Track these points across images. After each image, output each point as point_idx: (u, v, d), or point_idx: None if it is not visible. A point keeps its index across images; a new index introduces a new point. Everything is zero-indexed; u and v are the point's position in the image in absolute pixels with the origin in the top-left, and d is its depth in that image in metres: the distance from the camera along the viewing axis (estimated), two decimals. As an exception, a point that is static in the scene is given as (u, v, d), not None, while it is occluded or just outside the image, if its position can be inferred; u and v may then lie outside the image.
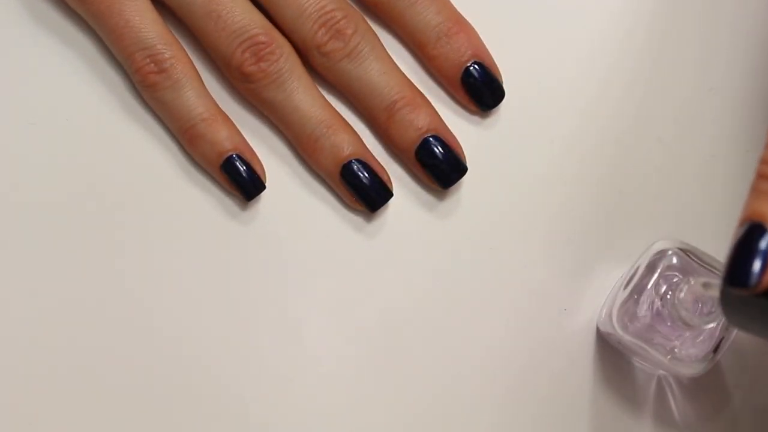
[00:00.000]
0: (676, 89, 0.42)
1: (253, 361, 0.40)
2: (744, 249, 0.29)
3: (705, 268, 0.37)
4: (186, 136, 0.40)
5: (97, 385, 0.40)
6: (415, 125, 0.40)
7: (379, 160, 0.41)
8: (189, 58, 0.41)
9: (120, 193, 0.41)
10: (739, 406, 0.40)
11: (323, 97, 0.41)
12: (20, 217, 0.41)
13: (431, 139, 0.40)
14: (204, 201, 0.41)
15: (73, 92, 0.41)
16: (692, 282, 0.36)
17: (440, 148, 0.40)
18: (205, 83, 0.41)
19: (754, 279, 0.28)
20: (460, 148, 0.41)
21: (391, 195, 0.41)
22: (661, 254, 0.38)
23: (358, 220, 0.41)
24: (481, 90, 0.41)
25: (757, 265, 0.28)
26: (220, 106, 0.41)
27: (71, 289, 0.40)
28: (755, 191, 0.30)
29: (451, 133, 0.41)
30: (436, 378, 0.40)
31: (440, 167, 0.41)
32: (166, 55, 0.40)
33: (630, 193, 0.41)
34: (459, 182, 0.41)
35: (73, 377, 0.40)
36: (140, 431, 0.40)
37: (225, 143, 0.40)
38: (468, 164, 0.41)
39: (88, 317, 0.40)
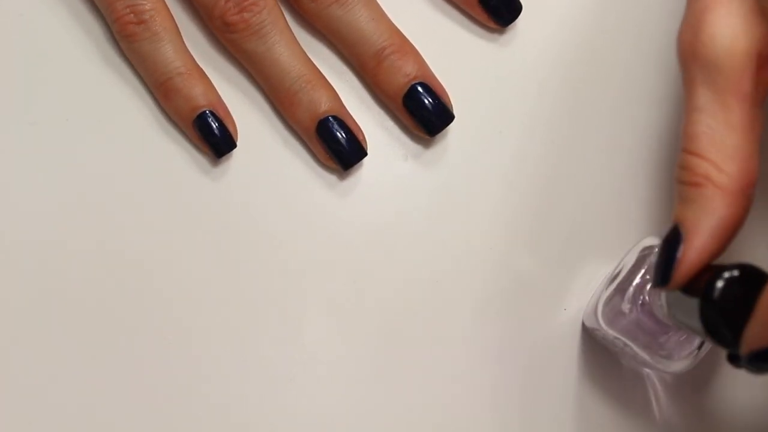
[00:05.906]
0: (672, 88, 0.42)
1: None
2: (660, 256, 0.33)
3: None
4: (161, 90, 0.40)
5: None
6: (404, 71, 0.40)
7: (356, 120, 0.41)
8: (169, 11, 0.41)
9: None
10: (723, 403, 0.40)
11: (304, 52, 0.41)
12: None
13: (419, 86, 0.40)
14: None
15: (73, 91, 0.42)
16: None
17: (427, 95, 0.40)
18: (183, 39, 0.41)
19: (667, 279, 0.33)
20: (447, 96, 0.41)
21: (365, 154, 0.41)
22: (648, 251, 0.37)
23: (330, 177, 0.41)
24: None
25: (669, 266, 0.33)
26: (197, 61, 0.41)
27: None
28: (676, 196, 0.33)
29: (438, 81, 0.41)
30: (430, 377, 0.40)
31: (427, 114, 0.40)
32: (147, 7, 0.40)
33: (623, 192, 0.41)
34: (454, 177, 0.41)
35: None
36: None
37: (199, 99, 0.40)
38: (462, 165, 0.41)
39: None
